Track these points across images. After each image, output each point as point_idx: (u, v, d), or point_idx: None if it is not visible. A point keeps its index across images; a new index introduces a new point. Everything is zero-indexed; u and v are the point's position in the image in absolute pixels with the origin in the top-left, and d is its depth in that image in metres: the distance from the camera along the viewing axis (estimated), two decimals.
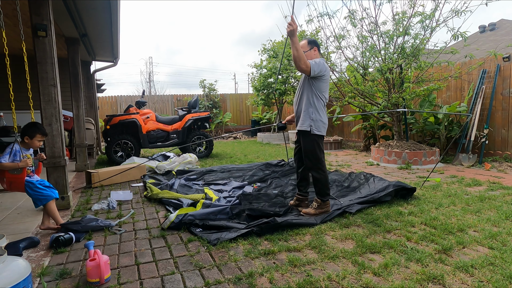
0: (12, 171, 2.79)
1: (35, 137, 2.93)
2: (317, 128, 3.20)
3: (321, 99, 3.22)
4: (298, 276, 2.13)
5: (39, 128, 2.98)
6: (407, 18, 5.86)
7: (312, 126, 3.19)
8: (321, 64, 3.14)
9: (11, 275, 1.70)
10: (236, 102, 15.56)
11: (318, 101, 3.21)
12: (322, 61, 3.19)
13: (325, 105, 3.30)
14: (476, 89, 6.31)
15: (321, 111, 3.23)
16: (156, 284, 2.09)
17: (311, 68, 3.06)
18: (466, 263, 2.19)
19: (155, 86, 38.14)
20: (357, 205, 3.40)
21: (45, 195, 2.94)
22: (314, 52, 3.31)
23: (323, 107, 3.27)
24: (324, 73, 3.17)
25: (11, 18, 5.06)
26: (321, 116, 3.22)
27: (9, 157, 2.77)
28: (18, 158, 2.83)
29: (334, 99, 7.59)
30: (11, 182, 2.86)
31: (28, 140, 2.92)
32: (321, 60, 3.18)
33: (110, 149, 6.97)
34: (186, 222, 3.01)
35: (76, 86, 6.35)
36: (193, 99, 8.13)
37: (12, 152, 2.80)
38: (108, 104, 14.08)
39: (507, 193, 3.87)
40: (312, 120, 3.20)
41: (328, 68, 3.24)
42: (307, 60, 3.06)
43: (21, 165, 2.78)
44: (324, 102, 3.27)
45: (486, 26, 15.59)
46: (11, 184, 2.87)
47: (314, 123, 3.19)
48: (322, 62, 3.17)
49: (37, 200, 2.93)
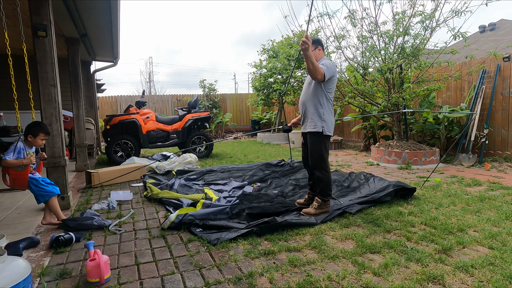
0: (16, 168, 2.88)
1: (38, 136, 3.03)
2: (328, 129, 3.25)
3: (330, 99, 3.28)
4: (298, 276, 2.13)
5: (42, 127, 3.08)
6: (407, 18, 5.86)
7: (324, 127, 3.22)
8: (331, 67, 3.17)
9: (11, 275, 1.70)
10: (236, 102, 15.55)
11: (328, 101, 3.26)
12: (331, 63, 3.22)
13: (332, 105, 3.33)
14: (476, 89, 6.31)
15: (331, 112, 3.29)
16: (156, 284, 2.09)
17: (325, 76, 3.11)
18: (466, 263, 2.19)
19: (155, 86, 38.14)
20: (357, 205, 3.41)
21: (48, 191, 3.04)
22: (319, 51, 3.34)
23: (332, 108, 3.31)
24: (335, 74, 3.22)
25: (11, 18, 5.06)
26: (331, 117, 3.27)
27: (13, 154, 2.86)
28: (22, 155, 2.92)
29: (334, 99, 7.59)
30: (14, 179, 2.94)
31: (32, 139, 3.01)
32: (330, 63, 3.23)
33: (110, 149, 6.97)
34: (186, 222, 3.01)
35: (76, 86, 6.35)
36: (193, 99, 8.12)
37: (16, 150, 2.89)
38: (108, 104, 14.08)
39: (507, 193, 3.87)
40: (324, 121, 3.22)
41: (336, 69, 3.28)
42: (321, 68, 3.09)
43: (25, 162, 2.88)
44: (332, 102, 3.32)
45: (486, 26, 15.59)
46: (15, 180, 2.95)
47: (326, 124, 3.23)
48: (332, 65, 3.21)
49: (39, 196, 3.03)
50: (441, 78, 6.28)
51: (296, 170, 5.29)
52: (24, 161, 2.87)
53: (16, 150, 2.88)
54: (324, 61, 3.23)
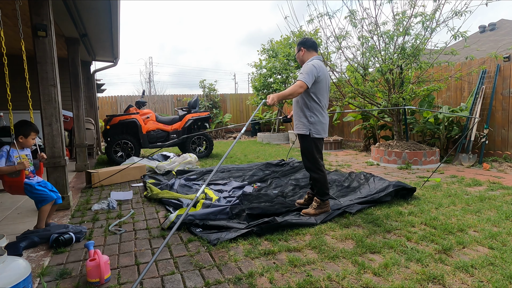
0: (10, 174, 2.73)
1: (30, 135, 2.88)
2: (316, 131, 3.19)
3: (318, 100, 3.18)
4: (298, 276, 2.13)
5: (31, 126, 2.90)
6: (407, 18, 5.86)
7: (311, 129, 3.19)
8: (311, 70, 3.06)
9: (11, 275, 1.70)
10: (236, 102, 15.55)
11: (316, 102, 3.18)
12: (311, 66, 3.10)
13: (324, 105, 3.25)
14: (476, 89, 6.31)
15: (319, 112, 3.20)
16: (156, 284, 2.09)
17: (306, 84, 3.04)
18: (466, 263, 2.19)
19: (155, 86, 38.11)
20: (357, 205, 3.40)
21: (44, 197, 2.90)
22: (301, 52, 3.31)
23: (322, 108, 3.22)
24: (318, 74, 3.10)
25: (11, 18, 5.06)
26: (319, 118, 3.20)
27: (5, 160, 2.70)
28: (12, 160, 2.76)
29: (334, 99, 7.59)
30: (10, 186, 2.82)
31: (23, 139, 2.85)
32: (310, 66, 3.10)
33: (110, 149, 6.97)
34: (186, 222, 3.01)
35: (76, 86, 6.35)
36: (193, 99, 8.12)
37: (9, 155, 2.73)
38: (108, 104, 14.07)
39: (507, 193, 3.87)
40: (310, 123, 3.19)
41: (321, 69, 3.13)
42: (297, 81, 3.06)
43: (18, 167, 2.71)
44: (322, 103, 3.21)
45: (486, 26, 15.59)
46: (11, 187, 2.84)
47: (313, 126, 3.19)
48: (312, 67, 3.09)
49: (37, 202, 2.91)
50: (442, 78, 6.28)
51: (296, 170, 5.29)
52: (17, 167, 2.70)
53: (7, 156, 2.71)
54: (306, 65, 3.15)
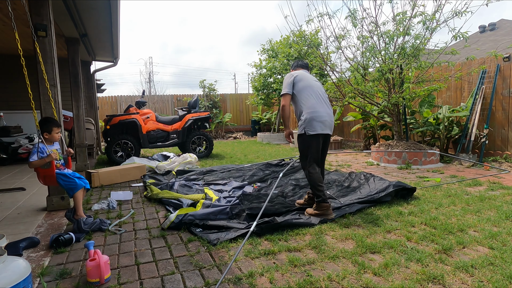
0: (42, 166, 3.02)
1: (53, 131, 3.17)
2: (310, 127, 3.18)
3: (303, 99, 3.27)
4: (298, 276, 2.13)
5: (52, 121, 3.22)
6: (407, 18, 5.85)
7: (305, 128, 3.20)
8: (285, 81, 3.37)
9: (11, 275, 1.70)
10: (236, 102, 15.55)
11: (301, 103, 3.28)
12: (286, 77, 3.43)
13: (312, 103, 3.23)
14: (476, 89, 6.31)
15: (309, 109, 3.20)
16: (156, 284, 2.09)
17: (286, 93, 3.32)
18: (466, 263, 2.19)
19: (155, 86, 38.07)
20: (357, 205, 3.40)
21: (74, 184, 3.14)
22: (293, 71, 3.57)
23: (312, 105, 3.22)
24: (293, 77, 3.34)
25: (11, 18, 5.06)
26: (311, 112, 3.19)
27: (36, 155, 3.01)
28: (45, 154, 3.06)
29: (334, 99, 7.59)
30: (44, 176, 3.11)
31: (48, 136, 3.15)
32: (285, 78, 3.42)
33: (110, 149, 6.96)
34: (186, 222, 3.01)
35: (76, 86, 6.35)
36: (193, 99, 8.12)
37: (39, 151, 3.04)
38: (108, 104, 14.08)
39: (507, 193, 3.87)
40: (304, 122, 3.22)
41: (296, 73, 3.40)
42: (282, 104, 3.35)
43: (47, 159, 3.00)
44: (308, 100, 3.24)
45: (486, 26, 15.59)
46: (45, 178, 3.12)
47: (305, 124, 3.21)
48: (285, 78, 3.41)
49: (69, 190, 3.14)
50: (442, 78, 6.28)
51: (296, 170, 5.29)
52: (46, 159, 2.99)
53: (39, 151, 3.03)
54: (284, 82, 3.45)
